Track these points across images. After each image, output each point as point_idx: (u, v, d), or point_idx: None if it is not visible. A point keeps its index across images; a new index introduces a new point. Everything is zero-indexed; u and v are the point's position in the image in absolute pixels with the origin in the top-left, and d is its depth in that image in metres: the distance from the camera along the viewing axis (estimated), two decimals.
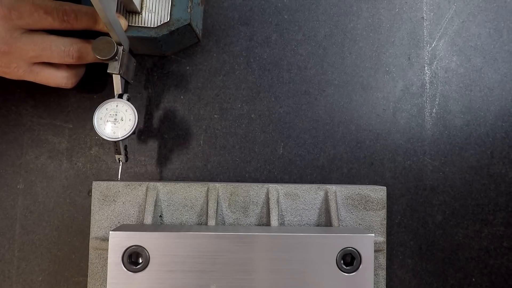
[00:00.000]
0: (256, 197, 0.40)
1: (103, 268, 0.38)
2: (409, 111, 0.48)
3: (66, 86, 0.43)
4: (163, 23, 0.42)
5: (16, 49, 0.38)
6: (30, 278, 0.45)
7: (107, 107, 0.39)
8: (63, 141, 0.46)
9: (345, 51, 0.48)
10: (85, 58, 0.41)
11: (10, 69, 0.40)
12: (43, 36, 0.40)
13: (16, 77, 0.41)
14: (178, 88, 0.47)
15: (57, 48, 0.40)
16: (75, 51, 0.40)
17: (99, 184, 0.39)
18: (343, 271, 0.34)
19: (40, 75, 0.41)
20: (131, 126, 0.39)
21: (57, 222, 0.45)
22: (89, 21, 0.40)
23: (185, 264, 0.34)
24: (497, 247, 0.46)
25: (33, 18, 0.38)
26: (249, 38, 0.48)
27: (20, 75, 0.40)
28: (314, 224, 0.40)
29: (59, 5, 0.39)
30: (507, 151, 0.47)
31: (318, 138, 0.47)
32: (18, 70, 0.40)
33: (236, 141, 0.47)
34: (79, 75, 0.43)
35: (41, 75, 0.41)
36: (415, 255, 0.46)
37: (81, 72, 0.44)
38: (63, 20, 0.39)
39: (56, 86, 0.42)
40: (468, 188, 0.47)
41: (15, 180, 0.45)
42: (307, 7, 0.48)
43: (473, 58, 0.48)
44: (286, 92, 0.48)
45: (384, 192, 0.41)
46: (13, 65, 0.39)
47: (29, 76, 0.41)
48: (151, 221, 0.38)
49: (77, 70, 0.43)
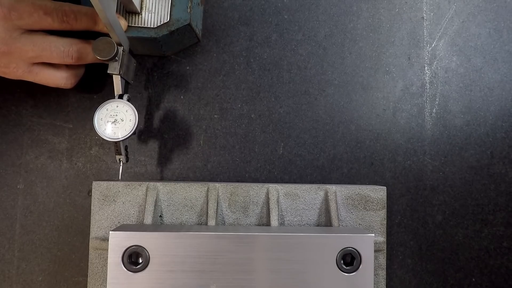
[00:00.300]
0: (256, 197, 0.40)
1: (103, 268, 0.38)
2: (409, 111, 0.48)
3: (66, 86, 0.43)
4: (163, 24, 0.42)
5: (16, 49, 0.38)
6: (30, 278, 0.45)
7: (108, 108, 0.39)
8: (63, 141, 0.46)
9: (345, 51, 0.48)
10: (84, 59, 0.41)
11: (9, 69, 0.40)
12: (42, 36, 0.40)
13: (16, 77, 0.41)
14: (178, 88, 0.47)
15: (56, 49, 0.40)
16: (75, 51, 0.40)
17: (99, 184, 0.39)
18: (343, 271, 0.34)
19: (39, 75, 0.41)
20: (131, 127, 0.39)
21: (57, 222, 0.45)
22: (88, 22, 0.40)
23: (185, 264, 0.34)
24: (497, 247, 0.46)
25: (32, 18, 0.38)
26: (249, 38, 0.48)
27: (19, 75, 0.40)
28: (314, 224, 0.40)
29: (59, 6, 0.39)
30: (507, 151, 0.47)
31: (318, 138, 0.47)
32: (17, 70, 0.40)
33: (236, 141, 0.47)
34: (78, 75, 0.43)
35: (40, 75, 0.41)
36: (415, 255, 0.46)
37: (80, 72, 0.44)
38: (63, 20, 0.39)
39: (55, 86, 0.42)
40: (468, 188, 0.47)
41: (15, 180, 0.45)
42: (307, 7, 0.48)
43: (473, 58, 0.48)
44: (286, 92, 0.48)
45: (384, 192, 0.41)
46: (12, 65, 0.39)
47: (28, 76, 0.41)
48: (151, 221, 0.38)
49: (77, 70, 0.43)
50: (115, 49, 0.37)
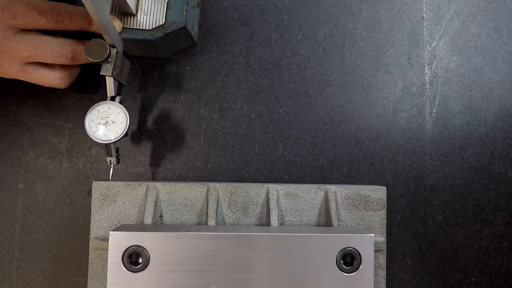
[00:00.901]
0: (256, 197, 0.40)
1: (103, 268, 0.38)
2: (409, 111, 0.48)
3: (60, 86, 0.42)
4: (158, 26, 0.41)
5: (9, 48, 0.38)
6: (30, 278, 0.45)
7: (99, 110, 0.39)
8: (63, 141, 0.46)
9: (345, 51, 0.48)
10: (79, 59, 0.41)
11: (3, 68, 0.39)
12: (36, 36, 0.39)
13: (9, 76, 0.41)
14: (178, 88, 0.47)
15: (50, 49, 0.39)
16: (69, 52, 0.40)
17: (99, 184, 0.39)
18: (343, 271, 0.34)
19: (33, 75, 0.41)
20: (122, 129, 0.39)
21: (57, 222, 0.45)
22: (83, 23, 0.40)
23: (185, 264, 0.33)
24: (497, 247, 0.46)
25: (26, 18, 0.38)
26: (249, 38, 0.48)
27: (13, 75, 0.40)
28: (314, 224, 0.40)
29: (53, 6, 0.39)
30: (507, 151, 0.47)
31: (318, 138, 0.47)
32: (11, 70, 0.40)
33: (236, 141, 0.47)
34: (73, 75, 0.43)
35: (34, 75, 0.41)
36: (415, 255, 0.46)
37: (75, 72, 0.43)
38: (57, 20, 0.39)
39: (49, 86, 0.42)
40: (468, 188, 0.47)
41: (15, 180, 0.45)
42: (307, 7, 0.48)
43: (473, 58, 0.48)
44: (286, 92, 0.48)
45: (384, 192, 0.41)
46: (6, 64, 0.39)
47: (22, 75, 0.40)
48: (151, 221, 0.38)
49: (71, 70, 0.43)
50: (108, 51, 0.37)
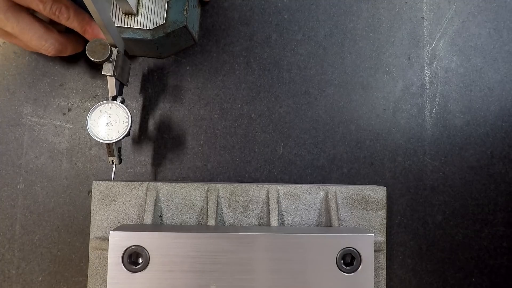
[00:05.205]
0: (256, 197, 0.40)
1: (103, 268, 0.38)
2: (409, 111, 0.48)
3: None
4: (159, 25, 0.41)
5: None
6: (30, 278, 0.45)
7: (101, 109, 0.39)
8: (63, 141, 0.46)
9: (345, 51, 0.48)
10: (62, 53, 0.41)
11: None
12: (29, 19, 0.38)
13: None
14: (178, 88, 0.47)
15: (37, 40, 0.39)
16: (53, 49, 0.40)
17: (99, 184, 0.39)
18: (343, 271, 0.34)
19: (20, 24, 0.38)
20: (124, 129, 0.39)
21: (57, 222, 0.45)
22: (77, 28, 0.40)
23: (185, 264, 0.34)
24: (497, 247, 0.46)
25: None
26: (249, 38, 0.48)
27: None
28: (314, 224, 0.40)
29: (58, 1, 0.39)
30: (507, 151, 0.47)
31: (318, 138, 0.47)
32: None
33: (236, 141, 0.47)
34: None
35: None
36: (415, 255, 0.46)
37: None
38: (54, 14, 0.39)
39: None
40: (468, 188, 0.47)
41: (15, 180, 0.45)
42: (307, 7, 0.48)
43: (473, 58, 0.48)
44: (286, 92, 0.48)
45: (384, 192, 0.41)
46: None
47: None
48: (151, 221, 0.38)
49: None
50: (109, 51, 0.37)
